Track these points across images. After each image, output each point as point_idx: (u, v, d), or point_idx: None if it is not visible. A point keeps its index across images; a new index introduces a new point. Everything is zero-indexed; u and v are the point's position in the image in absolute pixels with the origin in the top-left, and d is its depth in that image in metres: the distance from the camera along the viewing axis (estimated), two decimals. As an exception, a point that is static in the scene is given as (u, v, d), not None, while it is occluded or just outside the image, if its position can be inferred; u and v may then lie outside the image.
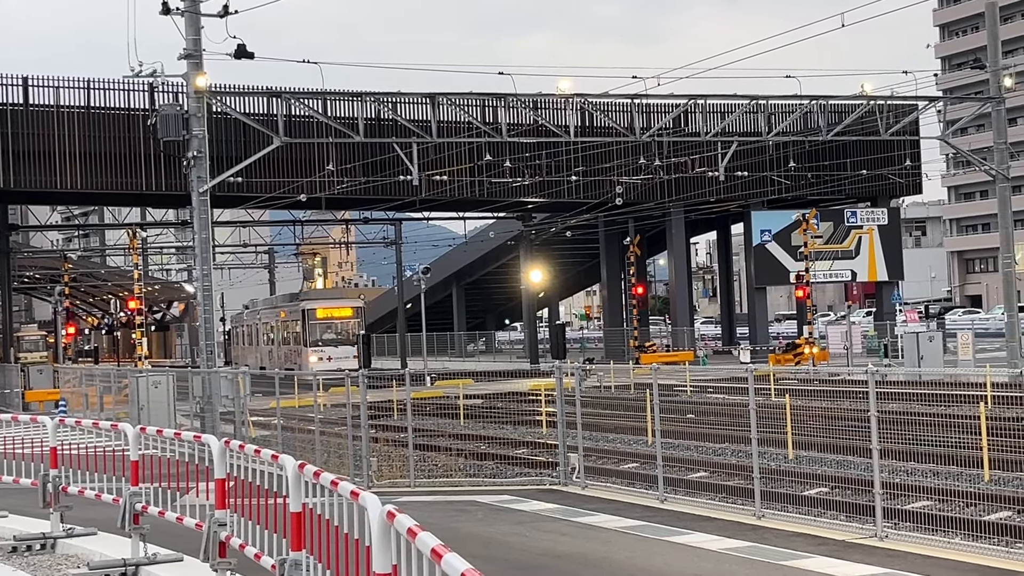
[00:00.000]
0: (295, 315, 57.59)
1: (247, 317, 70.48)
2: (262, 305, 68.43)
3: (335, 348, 55.31)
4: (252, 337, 68.51)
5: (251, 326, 68.84)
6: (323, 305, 57.98)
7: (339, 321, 57.40)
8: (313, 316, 56.59)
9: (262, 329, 65.46)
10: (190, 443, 12.17)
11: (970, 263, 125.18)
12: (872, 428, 14.20)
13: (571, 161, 50.90)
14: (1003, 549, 13.34)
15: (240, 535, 10.36)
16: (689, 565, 13.12)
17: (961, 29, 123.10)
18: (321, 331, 56.80)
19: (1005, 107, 42.58)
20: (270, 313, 64.31)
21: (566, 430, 19.88)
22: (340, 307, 58.54)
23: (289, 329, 59.11)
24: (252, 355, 66.65)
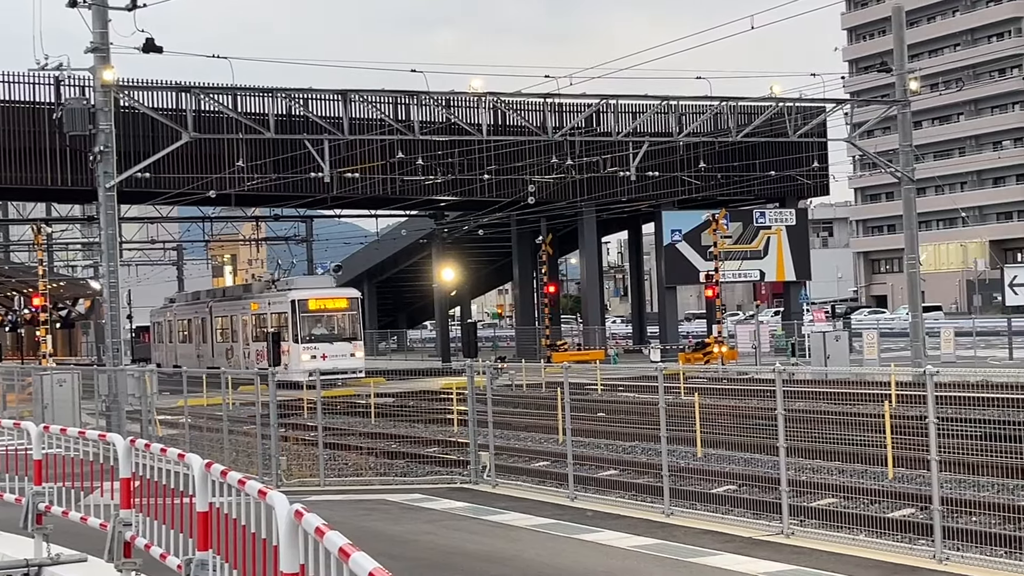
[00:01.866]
0: (278, 307, 50.38)
1: (180, 312, 63.44)
2: (209, 297, 60.58)
3: (330, 345, 48.88)
4: (189, 334, 61.49)
5: (188, 321, 61.76)
6: (316, 295, 50.16)
7: (334, 313, 50.49)
8: (304, 308, 49.12)
9: (209, 324, 57.92)
10: (95, 442, 11.99)
11: (876, 264, 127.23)
12: (779, 426, 14.37)
13: (483, 160, 50.91)
14: (906, 546, 13.55)
15: (145, 535, 10.22)
16: (598, 563, 13.17)
17: (868, 33, 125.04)
18: (312, 325, 49.75)
19: (911, 110, 43.26)
20: (228, 306, 56.51)
21: (477, 429, 19.87)
22: (335, 297, 50.93)
23: (266, 323, 51.49)
24: (190, 353, 59.60)
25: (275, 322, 50.47)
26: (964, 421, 23.05)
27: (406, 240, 77.91)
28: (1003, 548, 13.77)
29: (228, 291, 59.21)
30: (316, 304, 49.59)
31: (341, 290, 52.80)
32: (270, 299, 51.50)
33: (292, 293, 49.52)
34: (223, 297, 58.59)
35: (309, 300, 49.26)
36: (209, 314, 57.70)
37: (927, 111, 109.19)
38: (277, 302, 50.56)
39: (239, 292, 57.32)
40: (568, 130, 44.65)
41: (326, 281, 54.09)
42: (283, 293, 50.31)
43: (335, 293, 51.35)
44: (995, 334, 57.24)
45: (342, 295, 51.15)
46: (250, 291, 55.63)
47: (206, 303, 58.73)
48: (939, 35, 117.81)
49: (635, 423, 28.40)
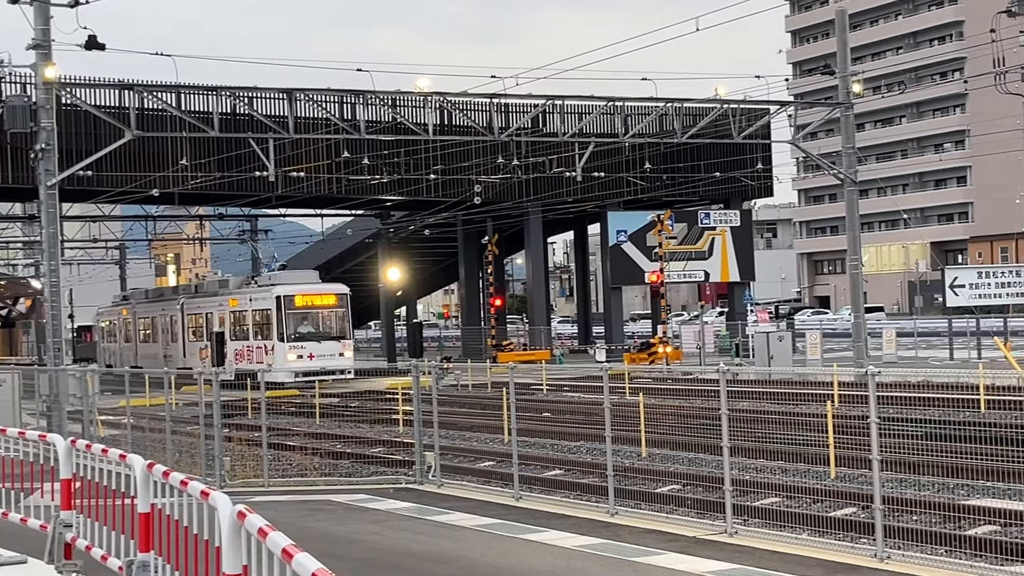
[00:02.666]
0: (261, 303, 47.54)
1: (142, 309, 59.74)
2: (182, 293, 56.80)
3: (318, 344, 46.21)
4: (153, 332, 57.89)
5: (153, 319, 58.10)
6: (303, 290, 47.47)
7: (322, 310, 47.67)
8: (290, 304, 46.37)
9: (180, 322, 54.11)
10: (35, 442, 11.87)
11: (819, 265, 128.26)
12: (723, 426, 14.44)
13: (430, 159, 50.87)
14: (848, 544, 13.66)
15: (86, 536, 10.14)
16: (543, 562, 13.19)
17: (812, 35, 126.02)
18: (299, 323, 46.93)
19: (854, 112, 43.64)
20: (203, 303, 52.99)
21: (423, 429, 19.85)
22: (323, 293, 48.18)
23: (247, 321, 48.70)
24: (154, 353, 56.47)
25: (258, 319, 48.05)
26: (905, 421, 23.31)
27: (352, 240, 77.63)
28: (943, 547, 13.92)
29: (201, 287, 55.76)
30: (303, 300, 47.12)
31: (329, 286, 50.63)
32: (252, 295, 48.81)
33: (277, 289, 47.07)
34: (196, 293, 55.22)
35: (296, 296, 46.82)
36: (180, 311, 54.24)
37: (870, 113, 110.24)
38: (260, 298, 47.90)
39: (215, 288, 53.76)
40: (514, 130, 44.70)
41: (311, 276, 51.51)
42: (267, 289, 47.85)
43: (323, 289, 49.03)
44: (936, 335, 57.88)
45: (330, 291, 48.71)
46: (227, 286, 52.41)
47: (176, 300, 55.35)
48: (882, 38, 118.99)
49: (580, 423, 28.47)
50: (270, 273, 50.22)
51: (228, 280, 53.44)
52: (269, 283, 48.46)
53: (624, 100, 42.62)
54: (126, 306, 62.19)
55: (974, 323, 49.33)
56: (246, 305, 48.85)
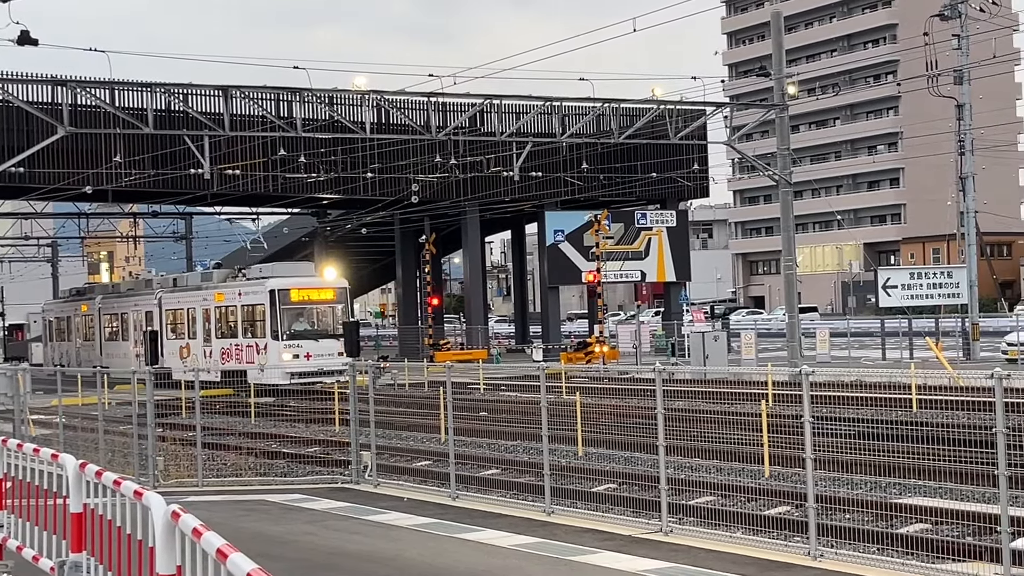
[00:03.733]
0: (252, 298, 44.09)
1: (106, 305, 55.24)
2: (152, 287, 52.32)
3: (315, 342, 42.72)
4: (121, 330, 53.62)
5: (120, 315, 53.79)
6: (299, 284, 44.12)
7: (320, 306, 44.37)
8: (286, 299, 42.94)
9: (158, 319, 49.86)
10: (-36, 442, 11.69)
11: (754, 265, 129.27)
12: (659, 425, 14.51)
13: (367, 158, 50.72)
14: (781, 543, 13.76)
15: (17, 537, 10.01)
16: (479, 562, 13.19)
17: (748, 37, 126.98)
18: (295, 319, 43.41)
19: (788, 114, 44.02)
20: (183, 297, 48.95)
21: (359, 428, 19.79)
22: (321, 287, 44.73)
23: (234, 317, 45.19)
24: (120, 352, 52.71)
25: (248, 315, 44.46)
26: (839, 420, 23.54)
27: (288, 238, 77.30)
28: (876, 545, 14.07)
29: (181, 280, 51.53)
30: (299, 295, 43.63)
31: (328, 279, 47.40)
32: (241, 289, 45.03)
33: (271, 282, 43.41)
34: (176, 287, 50.93)
35: (291, 290, 43.29)
36: (158, 306, 50.12)
37: (805, 115, 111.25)
38: (251, 292, 44.27)
39: (196, 281, 49.75)
40: (452, 129, 44.66)
41: (307, 269, 48.32)
42: (259, 282, 44.10)
43: (321, 283, 45.54)
44: (868, 335, 58.51)
45: (329, 285, 45.11)
46: (211, 280, 48.66)
47: (152, 294, 51.05)
48: (817, 41, 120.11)
49: (517, 422, 28.49)
50: (261, 265, 46.54)
51: (212, 273, 49.75)
52: (261, 276, 45.00)
53: (562, 100, 42.70)
54: (86, 301, 57.89)
55: (906, 323, 49.88)
56: (234, 300, 45.35)
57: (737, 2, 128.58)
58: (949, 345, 47.91)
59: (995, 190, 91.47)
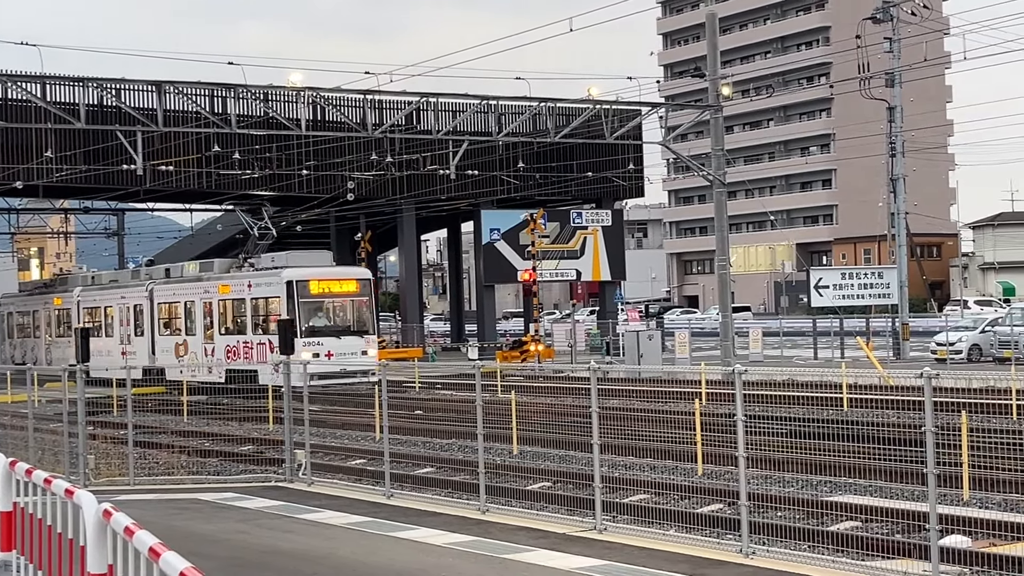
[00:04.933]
0: (265, 290, 40.46)
1: (86, 298, 50.96)
2: (140, 279, 48.47)
3: (337, 340, 39.36)
4: (104, 325, 49.54)
5: (103, 309, 49.68)
6: (319, 275, 40.48)
7: (342, 299, 40.71)
8: (304, 292, 39.42)
9: (147, 313, 46.13)
10: None
11: (688, 265, 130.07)
12: (593, 424, 14.57)
13: (302, 155, 50.46)
14: (714, 540, 13.86)
15: (-56, 537, 9.86)
16: (413, 560, 13.17)
17: (683, 38, 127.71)
18: (314, 314, 40.11)
19: (723, 115, 44.33)
20: (180, 289, 45.19)
21: (293, 426, 19.71)
22: (343, 278, 41.24)
23: (244, 311, 41.57)
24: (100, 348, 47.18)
25: (260, 310, 40.88)
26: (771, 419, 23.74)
27: (221, 235, 76.66)
28: (806, 542, 14.21)
29: (176, 270, 47.18)
30: (319, 287, 40.12)
31: (349, 269, 44.45)
32: (252, 280, 41.32)
33: (288, 272, 39.80)
34: (169, 278, 46.77)
35: (311, 282, 39.81)
36: (149, 300, 46.22)
37: (739, 116, 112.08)
38: (264, 284, 40.66)
39: (194, 272, 45.84)
40: (388, 127, 44.55)
41: (324, 258, 44.48)
42: (273, 273, 40.47)
43: (342, 273, 42.27)
44: (801, 334, 59.04)
45: (352, 276, 41.90)
46: (211, 269, 44.72)
47: (142, 286, 47.22)
48: (751, 42, 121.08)
49: (452, 421, 28.49)
50: (273, 254, 42.89)
51: (213, 262, 45.67)
52: (274, 266, 41.18)
53: (498, 99, 42.75)
54: (60, 294, 53.68)
55: (837, 323, 50.41)
56: (242, 292, 41.55)
57: (673, 3, 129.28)
58: (879, 345, 48.48)
59: (925, 192, 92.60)
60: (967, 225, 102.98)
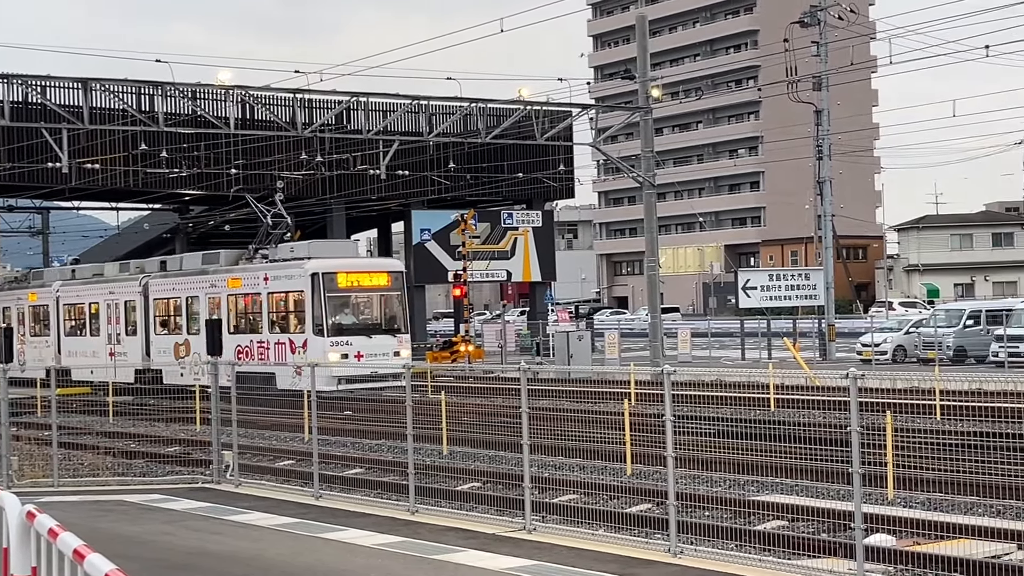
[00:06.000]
0: (286, 283, 36.83)
1: (65, 293, 47.25)
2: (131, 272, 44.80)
3: (368, 339, 35.61)
4: (83, 324, 45.87)
5: (85, 306, 46.02)
6: (347, 266, 36.81)
7: (373, 294, 37.19)
8: (332, 285, 35.73)
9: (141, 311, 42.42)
10: None
11: (618, 266, 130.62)
12: (523, 424, 14.59)
13: (231, 154, 50.07)
14: (643, 540, 13.94)
15: None
16: (341, 561, 13.13)
17: (613, 40, 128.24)
18: (342, 310, 36.61)
19: (652, 117, 44.58)
20: (174, 283, 41.57)
21: (220, 427, 19.57)
22: (373, 271, 37.56)
23: (257, 308, 38.09)
24: (83, 348, 45.05)
25: (280, 305, 37.28)
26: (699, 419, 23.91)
27: (149, 234, 75.89)
28: (734, 541, 14.33)
29: (173, 263, 43.53)
30: (348, 280, 36.37)
31: (379, 261, 41.04)
32: (269, 272, 37.63)
33: (313, 264, 36.08)
34: (166, 271, 42.92)
35: (338, 274, 36.02)
36: (143, 295, 42.46)
37: (668, 118, 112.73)
38: (284, 277, 36.93)
39: (196, 264, 41.87)
40: (318, 126, 44.35)
41: (349, 249, 40.96)
42: (296, 264, 36.71)
43: (373, 265, 38.83)
44: (729, 335, 59.54)
45: (383, 268, 38.27)
46: (217, 262, 40.85)
47: (135, 280, 43.37)
48: (681, 45, 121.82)
49: (382, 421, 28.41)
50: (293, 244, 39.30)
51: (219, 254, 41.75)
52: (295, 256, 37.52)
53: (429, 99, 42.70)
54: (36, 289, 49.43)
55: (765, 324, 50.87)
56: (256, 286, 37.99)
57: (603, 5, 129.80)
58: (806, 345, 49.00)
59: (851, 194, 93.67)
60: (892, 228, 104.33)
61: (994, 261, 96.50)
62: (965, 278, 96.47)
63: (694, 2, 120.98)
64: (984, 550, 12.91)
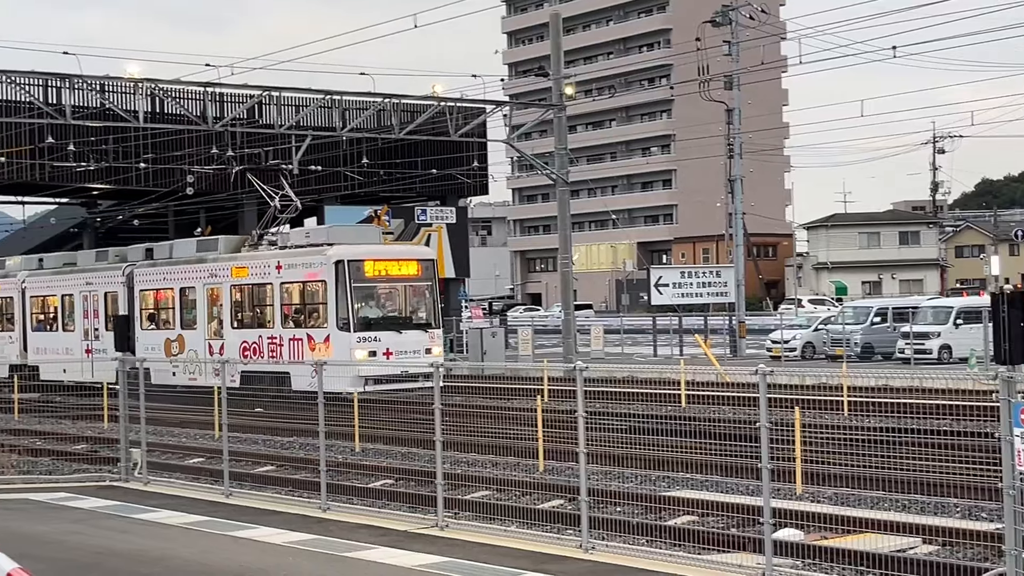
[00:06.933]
0: (303, 271, 32.89)
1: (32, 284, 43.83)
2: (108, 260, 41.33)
3: (398, 335, 31.84)
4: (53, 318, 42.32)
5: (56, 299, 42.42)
6: (374, 254, 32.94)
7: (402, 284, 33.21)
8: (358, 274, 31.88)
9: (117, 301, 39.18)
10: None
11: (532, 262, 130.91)
12: (436, 421, 14.57)
13: (140, 148, 49.44)
14: (555, 536, 13.97)
15: None
16: (252, 559, 13.02)
17: (528, 37, 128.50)
18: (368, 302, 32.60)
19: (566, 115, 44.71)
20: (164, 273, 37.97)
21: (129, 425, 19.31)
22: (402, 258, 33.61)
23: (266, 299, 34.19)
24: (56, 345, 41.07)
25: (295, 297, 33.44)
26: (611, 415, 24.04)
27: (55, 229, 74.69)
28: (645, 536, 14.41)
29: (161, 250, 39.65)
30: (375, 269, 32.42)
31: (411, 248, 37.35)
32: (283, 260, 33.62)
33: (337, 250, 32.08)
34: (152, 260, 39.16)
35: (365, 262, 32.13)
36: (126, 286, 39.04)
37: (582, 116, 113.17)
38: (301, 265, 33.04)
39: (190, 251, 38.23)
40: (229, 120, 43.92)
41: (371, 234, 36.42)
42: (317, 251, 32.69)
43: (403, 252, 35.09)
44: (641, 332, 59.92)
45: (413, 256, 34.35)
46: (215, 249, 37.27)
47: (117, 270, 39.69)
48: (594, 43, 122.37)
49: (294, 418, 28.20)
50: (308, 229, 36.20)
51: (217, 240, 38.05)
52: (312, 242, 33.78)
53: (342, 94, 42.45)
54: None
55: (677, 321, 51.25)
56: (267, 275, 33.95)
57: (517, 2, 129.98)
58: (717, 342, 49.42)
59: (762, 193, 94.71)
60: (802, 226, 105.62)
61: (901, 259, 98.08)
62: (873, 276, 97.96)
63: (608, 0, 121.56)
64: (890, 544, 13.12)
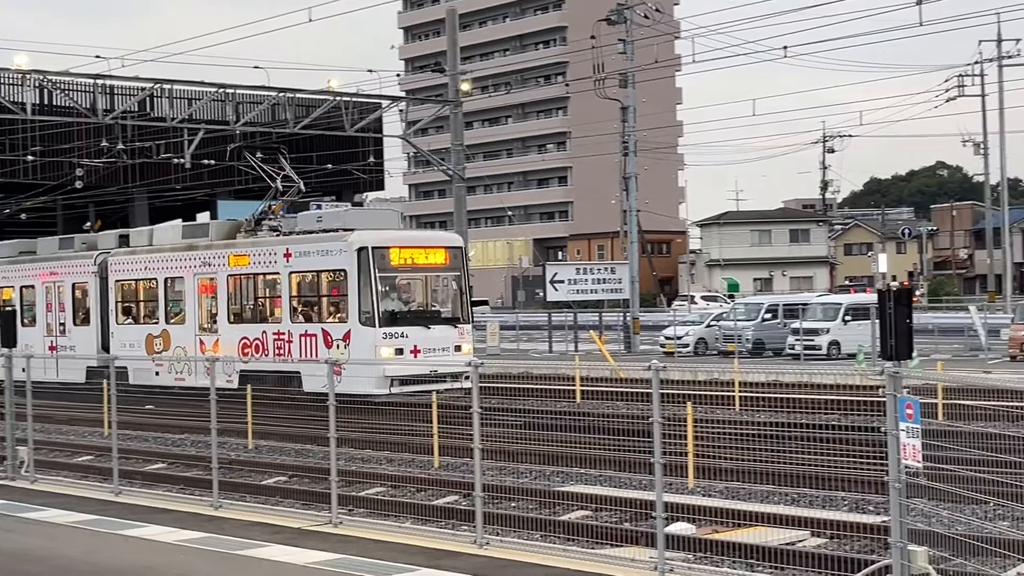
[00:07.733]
0: (321, 259, 29.51)
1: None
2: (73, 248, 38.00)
3: (426, 330, 28.43)
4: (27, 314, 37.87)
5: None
6: (400, 240, 29.69)
7: (429, 274, 29.93)
8: (383, 264, 28.47)
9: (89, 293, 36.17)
10: None
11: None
12: (330, 417, 14.49)
13: (27, 140, 48.50)
14: (449, 532, 13.99)
15: None
16: (142, 558, 12.85)
17: (424, 33, 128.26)
18: (393, 294, 29.31)
19: (462, 111, 44.71)
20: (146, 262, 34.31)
21: (15, 422, 18.96)
22: (427, 246, 30.08)
23: (275, 291, 30.84)
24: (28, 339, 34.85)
25: (308, 288, 30.29)
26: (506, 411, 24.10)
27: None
28: (539, 531, 14.47)
29: (140, 236, 36.05)
30: (401, 257, 28.94)
31: (438, 234, 34.59)
32: (295, 247, 30.40)
33: (359, 236, 28.67)
34: (129, 248, 35.65)
35: (391, 249, 28.72)
36: (99, 276, 35.64)
37: (478, 112, 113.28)
38: (315, 253, 29.71)
39: (175, 238, 34.80)
40: (120, 113, 43.23)
41: (391, 219, 33.36)
42: (335, 237, 29.28)
43: (430, 239, 31.48)
44: (537, 328, 60.12)
45: (441, 243, 30.58)
46: (204, 234, 34.25)
47: (88, 258, 36.35)
48: (491, 39, 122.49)
49: (186, 415, 27.85)
50: (320, 212, 33.00)
51: (208, 225, 35.41)
52: (326, 228, 30.60)
53: (235, 87, 42.01)
54: None
55: (572, 317, 51.51)
56: (273, 264, 30.80)
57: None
58: (611, 338, 49.76)
59: (656, 190, 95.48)
60: (695, 223, 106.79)
61: (791, 257, 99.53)
62: (764, 273, 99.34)
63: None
64: (780, 537, 13.33)
